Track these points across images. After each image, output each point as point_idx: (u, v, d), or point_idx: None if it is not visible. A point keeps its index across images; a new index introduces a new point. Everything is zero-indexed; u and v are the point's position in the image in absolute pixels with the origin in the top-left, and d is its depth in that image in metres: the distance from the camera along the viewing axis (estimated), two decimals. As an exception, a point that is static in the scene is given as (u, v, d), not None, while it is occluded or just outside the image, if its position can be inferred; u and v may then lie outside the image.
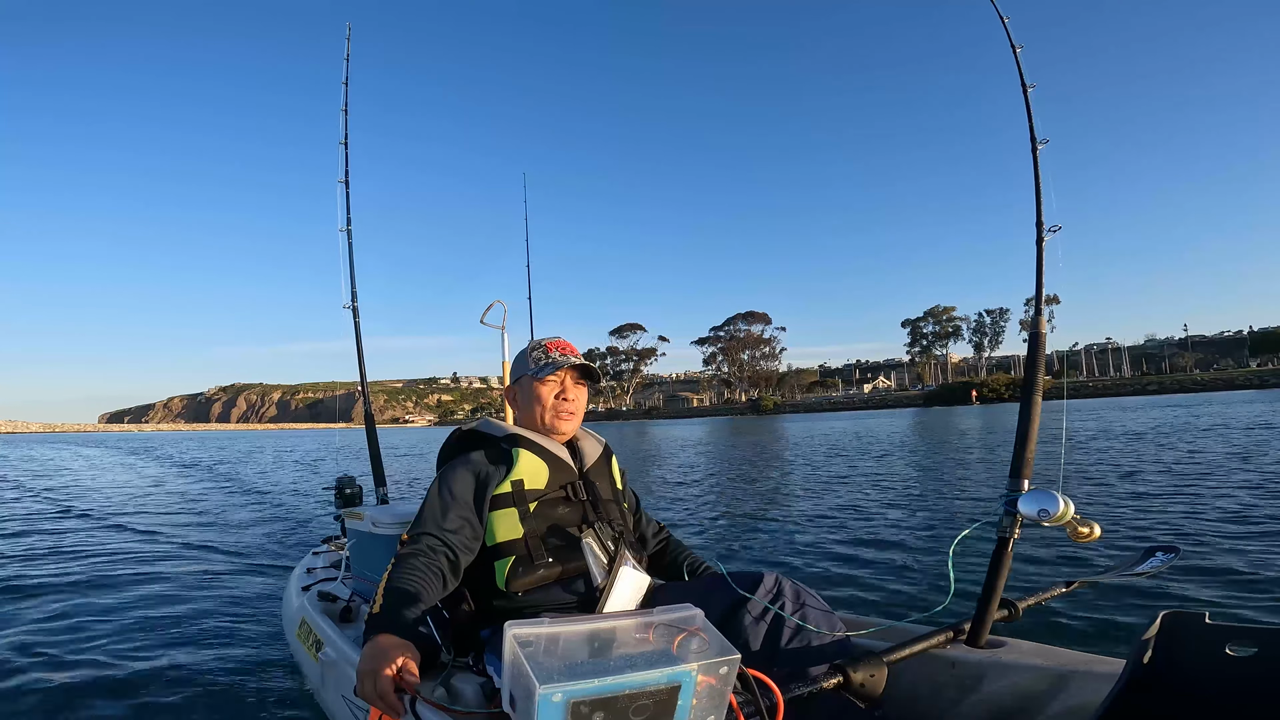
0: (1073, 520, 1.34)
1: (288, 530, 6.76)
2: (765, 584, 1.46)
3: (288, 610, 2.79)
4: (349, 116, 3.50)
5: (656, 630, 0.96)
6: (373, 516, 2.43)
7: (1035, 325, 1.61)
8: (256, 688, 2.67)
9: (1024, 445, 1.49)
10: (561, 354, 1.75)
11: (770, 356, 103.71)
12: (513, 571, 1.56)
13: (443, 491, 1.61)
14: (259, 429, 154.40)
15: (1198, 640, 1.05)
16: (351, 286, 3.36)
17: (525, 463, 1.64)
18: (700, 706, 0.90)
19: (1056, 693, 1.32)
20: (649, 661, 0.88)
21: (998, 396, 65.42)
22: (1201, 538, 4.46)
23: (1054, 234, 1.61)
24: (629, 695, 0.84)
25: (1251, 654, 0.99)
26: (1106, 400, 48.01)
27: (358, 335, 3.37)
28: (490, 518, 1.61)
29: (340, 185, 3.44)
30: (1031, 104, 1.74)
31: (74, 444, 38.14)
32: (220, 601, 3.97)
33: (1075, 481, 7.57)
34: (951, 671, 1.46)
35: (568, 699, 0.82)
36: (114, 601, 3.98)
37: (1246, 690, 0.99)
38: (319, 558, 3.11)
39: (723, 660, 0.91)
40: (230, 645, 3.17)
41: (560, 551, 1.58)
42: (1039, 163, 1.67)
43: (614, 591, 1.47)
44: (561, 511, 1.64)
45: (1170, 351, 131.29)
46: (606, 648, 0.94)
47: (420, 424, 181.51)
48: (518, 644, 0.89)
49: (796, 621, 1.41)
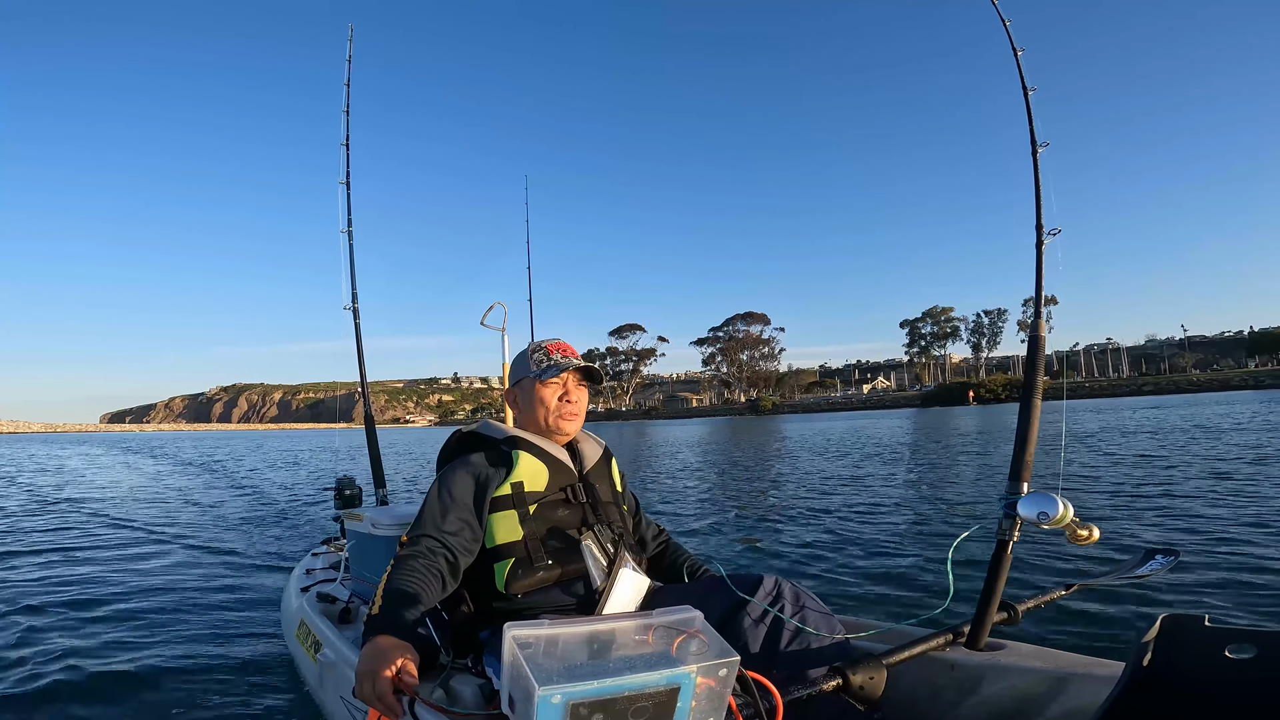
0: (1072, 523, 1.34)
1: (286, 531, 6.76)
2: (764, 586, 1.46)
3: (286, 611, 2.79)
4: (350, 118, 3.50)
5: (656, 632, 0.96)
6: (372, 518, 2.43)
7: (1035, 329, 1.61)
8: (254, 688, 2.67)
9: (1024, 448, 1.49)
10: (563, 356, 1.75)
11: (770, 357, 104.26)
12: (512, 574, 1.56)
13: (442, 493, 1.62)
14: (260, 429, 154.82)
15: (1197, 643, 1.05)
16: (352, 288, 3.37)
17: (525, 465, 1.64)
18: (699, 708, 0.90)
19: (1056, 695, 1.32)
20: (648, 663, 0.88)
21: (995, 397, 65.63)
22: (1202, 540, 4.46)
23: (1054, 237, 1.61)
24: (628, 697, 0.84)
25: (1250, 657, 0.99)
26: (1102, 400, 48.09)
27: (358, 337, 3.37)
28: (490, 520, 1.61)
29: (341, 186, 3.44)
30: (1032, 107, 1.75)
31: (74, 443, 38.20)
32: (218, 602, 3.97)
33: (1072, 483, 7.56)
34: (951, 674, 1.46)
35: (567, 700, 0.82)
36: (111, 600, 3.98)
37: (1245, 693, 0.99)
38: (318, 559, 3.11)
39: (722, 662, 0.91)
40: (228, 645, 3.16)
41: (560, 554, 1.58)
42: (1039, 166, 1.68)
43: (613, 594, 1.47)
44: (561, 514, 1.64)
45: (1170, 352, 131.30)
46: (606, 649, 0.94)
47: (421, 424, 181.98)
48: (517, 645, 0.89)
49: (796, 624, 1.41)
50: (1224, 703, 1.00)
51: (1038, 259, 1.61)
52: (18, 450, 29.02)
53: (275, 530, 6.82)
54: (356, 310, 3.36)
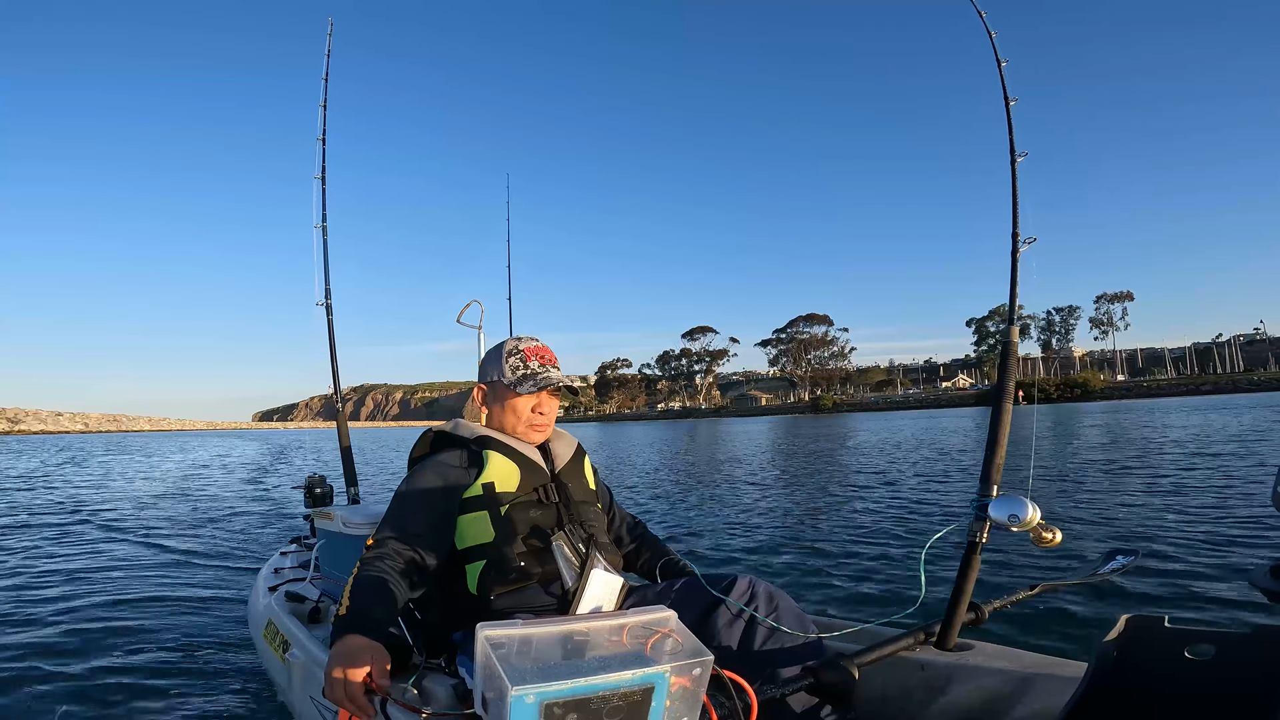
0: (1038, 526, 1.36)
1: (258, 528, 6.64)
2: (739, 586, 1.46)
3: (254, 611, 2.74)
4: (327, 112, 3.45)
5: (630, 632, 0.96)
6: (343, 516, 2.40)
7: (1007, 335, 1.64)
8: (221, 689, 2.61)
9: (994, 452, 1.51)
10: (541, 364, 1.72)
11: (840, 356, 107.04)
12: (484, 575, 1.55)
13: (410, 493, 1.59)
14: (382, 426, 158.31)
15: (1158, 643, 1.07)
16: (325, 284, 3.31)
17: (496, 465, 1.63)
18: (674, 708, 0.90)
19: (1021, 695, 1.34)
20: (622, 663, 0.88)
21: (1046, 397, 65.81)
22: (1163, 540, 4.57)
23: (1029, 245, 1.64)
24: (602, 696, 0.84)
25: (1210, 657, 1.02)
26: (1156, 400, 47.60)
27: (331, 333, 3.32)
28: (461, 521, 1.59)
29: (316, 181, 3.39)
30: (1012, 117, 1.78)
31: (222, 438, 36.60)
32: (184, 602, 3.88)
33: (1039, 485, 7.71)
34: (920, 674, 1.48)
35: (540, 700, 0.81)
36: (68, 599, 3.87)
37: (1205, 692, 1.01)
38: (287, 558, 3.06)
39: (696, 661, 0.91)
40: (194, 646, 3.10)
41: (531, 555, 1.56)
42: (1017, 175, 1.70)
43: (585, 594, 1.46)
44: (533, 514, 1.62)
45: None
46: (580, 649, 0.93)
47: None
48: (490, 645, 0.88)
49: (770, 624, 1.42)
50: (1184, 702, 1.03)
51: (1013, 266, 1.64)
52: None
53: (243, 528, 6.69)
54: (330, 307, 3.32)
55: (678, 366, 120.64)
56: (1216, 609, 3.24)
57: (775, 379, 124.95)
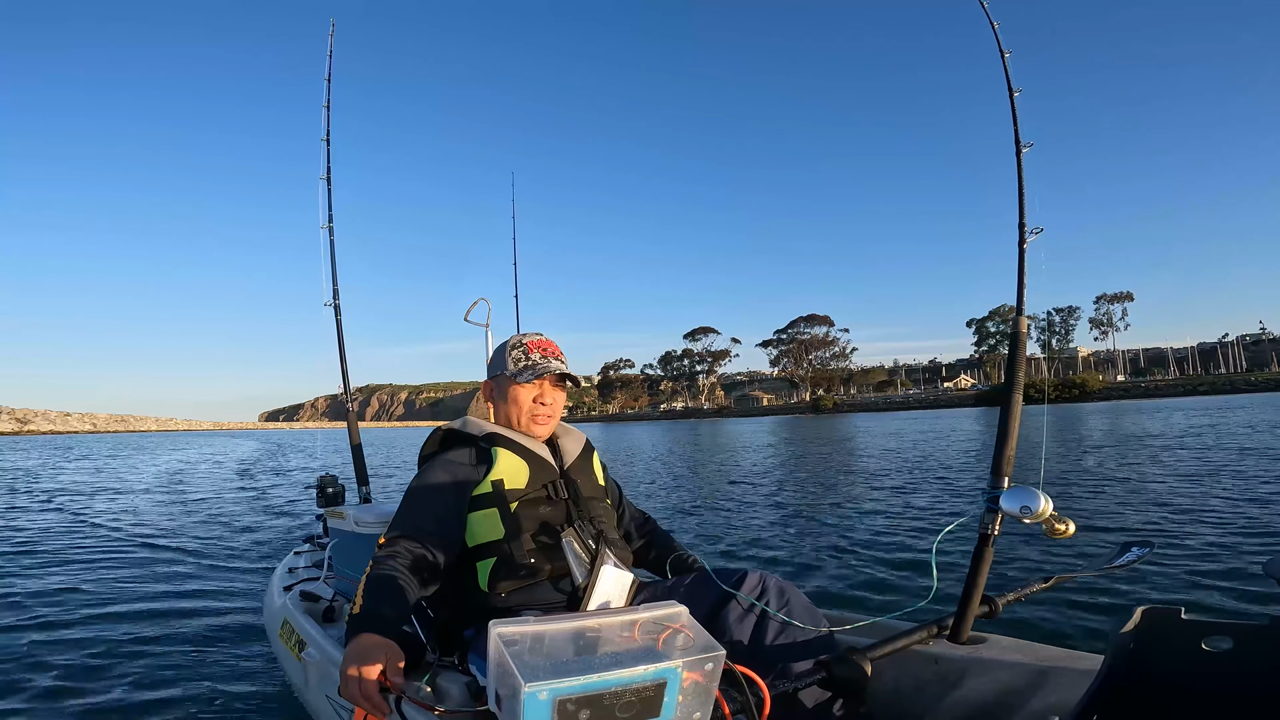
0: (1050, 518, 1.35)
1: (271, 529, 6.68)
2: (750, 581, 1.46)
3: (269, 611, 2.76)
4: (331, 113, 3.46)
5: (642, 627, 0.95)
6: (355, 515, 2.41)
7: (1016, 326, 1.63)
8: (239, 689, 2.64)
9: (1004, 444, 1.50)
10: (543, 355, 1.73)
11: (840, 356, 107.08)
12: (495, 572, 1.55)
13: (420, 491, 1.60)
14: (387, 426, 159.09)
15: (1174, 635, 1.06)
16: (334, 284, 3.33)
17: (505, 462, 1.63)
18: (686, 703, 0.90)
19: (1037, 688, 1.33)
20: (634, 659, 0.88)
21: (1043, 396, 65.72)
22: (1177, 532, 4.53)
23: (1036, 236, 1.63)
24: (615, 693, 0.84)
25: (1227, 648, 1.01)
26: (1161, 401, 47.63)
27: (340, 333, 3.34)
28: (471, 518, 1.59)
29: (321, 182, 3.40)
30: (1018, 109, 1.76)
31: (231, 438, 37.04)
32: (201, 602, 3.91)
33: (1053, 477, 7.67)
34: (934, 668, 1.48)
35: (554, 697, 0.81)
36: (90, 604, 3.91)
37: (1222, 684, 1.00)
38: (300, 557, 3.08)
39: (708, 656, 0.91)
40: (211, 646, 3.13)
41: (542, 551, 1.57)
42: (1023, 166, 1.69)
43: (596, 591, 1.46)
44: (543, 510, 1.63)
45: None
46: (592, 645, 0.93)
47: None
48: (503, 642, 0.88)
49: (781, 618, 1.42)
50: (1201, 694, 1.02)
51: (1020, 258, 1.62)
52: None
53: (258, 528, 6.74)
54: (338, 307, 3.33)
55: (680, 367, 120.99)
56: (1234, 600, 3.21)
57: (777, 379, 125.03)
